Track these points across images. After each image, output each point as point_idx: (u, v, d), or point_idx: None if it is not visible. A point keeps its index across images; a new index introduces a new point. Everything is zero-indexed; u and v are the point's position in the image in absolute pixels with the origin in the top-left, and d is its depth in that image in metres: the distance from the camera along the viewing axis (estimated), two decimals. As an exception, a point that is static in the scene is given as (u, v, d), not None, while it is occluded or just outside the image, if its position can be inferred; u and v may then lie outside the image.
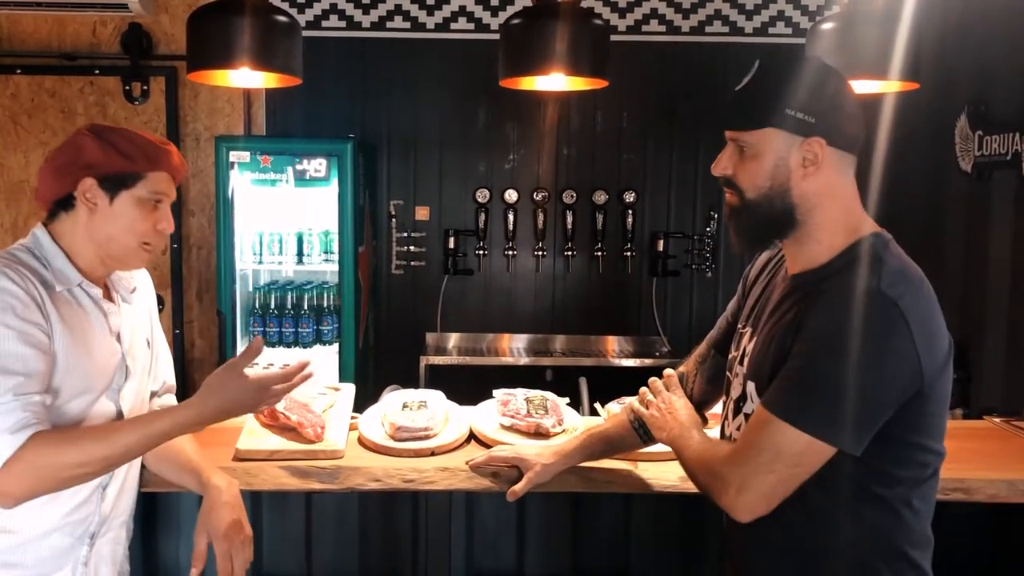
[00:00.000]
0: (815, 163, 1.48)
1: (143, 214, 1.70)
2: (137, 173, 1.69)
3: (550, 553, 2.34)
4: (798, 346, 1.44)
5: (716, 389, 1.87)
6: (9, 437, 1.48)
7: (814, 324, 1.43)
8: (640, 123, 4.79)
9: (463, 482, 2.07)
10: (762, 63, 1.52)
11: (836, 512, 1.48)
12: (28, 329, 1.55)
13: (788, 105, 1.46)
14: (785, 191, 1.49)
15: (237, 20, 2.22)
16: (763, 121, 1.48)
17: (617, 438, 1.97)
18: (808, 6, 4.73)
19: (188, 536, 2.23)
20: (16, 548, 1.63)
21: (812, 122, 1.46)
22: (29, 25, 4.60)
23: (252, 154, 4.19)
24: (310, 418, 2.18)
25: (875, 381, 1.39)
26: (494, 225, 4.78)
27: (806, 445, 1.40)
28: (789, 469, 1.43)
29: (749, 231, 1.56)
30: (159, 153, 1.71)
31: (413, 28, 4.71)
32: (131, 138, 1.71)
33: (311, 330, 4.34)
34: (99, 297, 1.73)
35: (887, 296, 1.39)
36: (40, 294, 1.61)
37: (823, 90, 1.49)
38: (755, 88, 1.51)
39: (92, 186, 1.68)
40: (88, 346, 1.66)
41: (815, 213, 1.51)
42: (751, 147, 1.50)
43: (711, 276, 4.85)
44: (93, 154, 1.67)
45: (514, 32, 2.33)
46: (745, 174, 1.52)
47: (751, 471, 1.44)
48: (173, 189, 1.75)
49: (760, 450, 1.43)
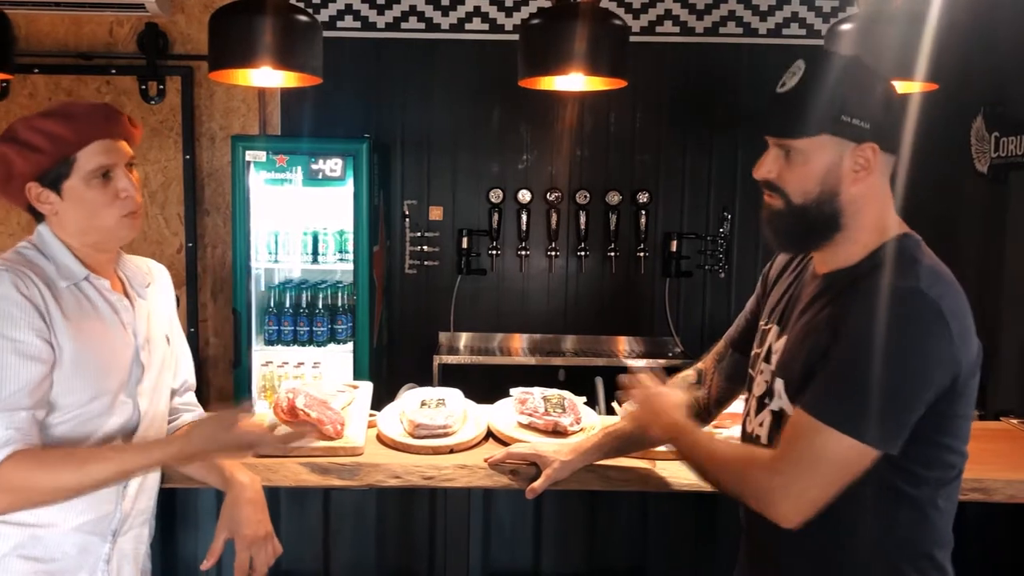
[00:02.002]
0: (867, 168, 1.46)
1: (96, 193, 1.64)
2: (65, 159, 1.62)
3: (566, 551, 2.35)
4: (839, 347, 1.41)
5: (734, 387, 1.87)
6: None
7: (855, 325, 1.41)
8: (654, 124, 4.79)
9: (482, 479, 2.08)
10: (808, 65, 1.47)
11: (863, 511, 1.47)
12: (25, 338, 1.54)
13: (842, 110, 1.43)
14: (834, 196, 1.47)
15: (258, 19, 2.23)
16: (817, 128, 1.45)
17: (635, 436, 1.97)
18: (822, 7, 4.72)
19: (206, 532, 2.25)
20: (40, 543, 1.63)
21: (866, 128, 1.44)
22: (46, 25, 4.63)
23: (268, 153, 4.20)
24: (330, 415, 2.19)
25: (917, 380, 1.38)
26: (507, 225, 4.79)
27: (854, 451, 1.39)
28: (835, 474, 1.41)
29: (792, 235, 1.54)
30: (76, 128, 1.62)
31: (428, 29, 4.73)
32: (42, 128, 1.61)
33: (325, 329, 4.35)
34: (107, 289, 1.70)
35: (928, 296, 1.38)
36: (43, 296, 1.58)
37: (874, 94, 1.46)
38: (803, 92, 1.46)
39: (38, 190, 1.63)
40: (99, 341, 1.65)
41: (858, 216, 1.49)
42: (801, 153, 1.47)
43: (724, 277, 4.85)
44: (17, 162, 1.61)
45: (533, 32, 2.34)
46: (793, 179, 1.49)
47: (796, 478, 1.42)
48: (118, 151, 1.67)
49: (805, 458, 1.41)
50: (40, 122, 1.63)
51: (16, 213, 4.65)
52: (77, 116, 1.64)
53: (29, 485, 1.51)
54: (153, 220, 4.72)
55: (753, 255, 4.85)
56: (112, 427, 1.67)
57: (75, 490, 1.56)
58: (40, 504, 1.58)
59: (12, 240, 4.61)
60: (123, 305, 1.73)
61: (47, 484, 1.52)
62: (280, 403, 2.28)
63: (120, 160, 1.68)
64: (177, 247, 4.75)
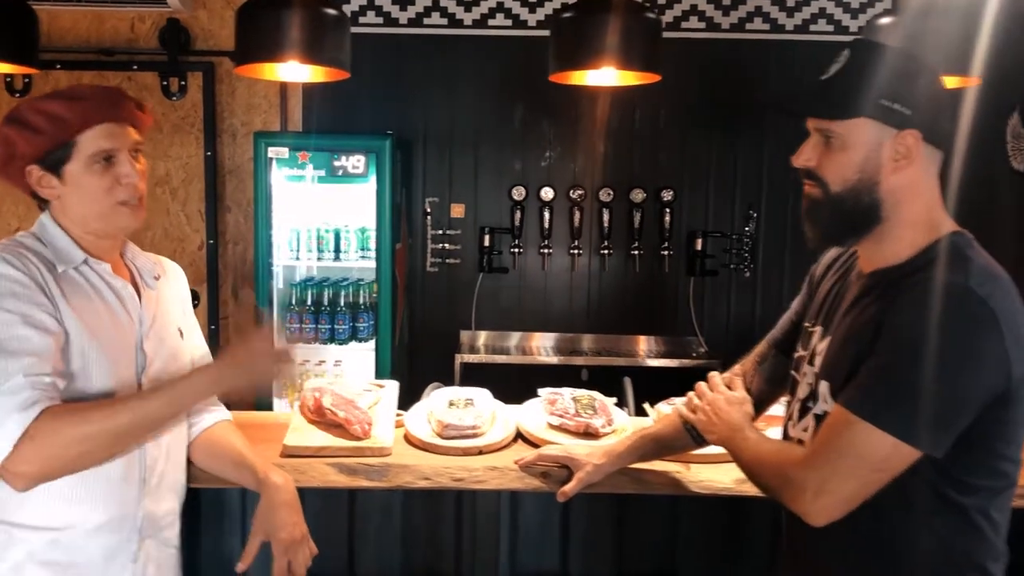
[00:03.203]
0: (907, 157, 1.43)
1: (97, 178, 1.61)
2: (66, 142, 1.59)
3: (594, 555, 2.31)
4: (881, 344, 1.38)
5: (776, 389, 1.83)
6: (18, 415, 1.44)
7: (898, 321, 1.37)
8: (679, 120, 4.73)
9: (513, 482, 2.05)
10: (852, 51, 1.45)
11: (911, 520, 1.43)
12: (32, 312, 1.51)
13: (883, 95, 1.40)
14: (873, 185, 1.44)
15: (286, 13, 2.20)
16: (856, 110, 1.42)
17: (669, 439, 1.94)
18: (850, 3, 4.65)
19: (228, 533, 2.23)
20: (59, 547, 1.60)
21: (908, 114, 1.41)
22: (68, 21, 4.62)
23: (290, 150, 4.18)
24: (357, 415, 2.16)
25: (963, 382, 1.34)
26: (529, 223, 4.74)
27: (891, 448, 1.35)
28: (872, 473, 1.37)
29: (830, 226, 1.51)
30: (78, 111, 1.59)
31: (450, 24, 4.69)
32: (44, 109, 1.59)
33: (347, 327, 4.32)
34: (108, 273, 1.67)
35: (977, 294, 1.34)
36: (43, 276, 1.56)
37: (919, 81, 1.43)
38: (846, 76, 1.44)
39: (38, 173, 1.61)
40: (97, 324, 1.61)
41: (899, 209, 1.45)
42: (840, 138, 1.44)
43: (749, 276, 4.78)
44: (18, 143, 1.59)
45: (565, 25, 2.30)
46: (831, 166, 1.46)
47: (829, 475, 1.39)
48: (123, 136, 1.63)
49: (841, 453, 1.38)
50: (43, 103, 1.60)
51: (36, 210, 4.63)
52: (81, 98, 1.61)
53: (62, 436, 1.47)
54: (174, 217, 4.71)
55: (779, 254, 4.79)
56: None
57: (107, 434, 1.51)
58: (76, 462, 1.52)
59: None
60: (127, 292, 1.69)
61: (79, 431, 1.48)
62: (306, 402, 2.25)
63: (124, 145, 1.64)
64: (198, 244, 4.73)
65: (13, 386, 1.46)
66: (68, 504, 1.59)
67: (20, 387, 1.46)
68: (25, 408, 1.45)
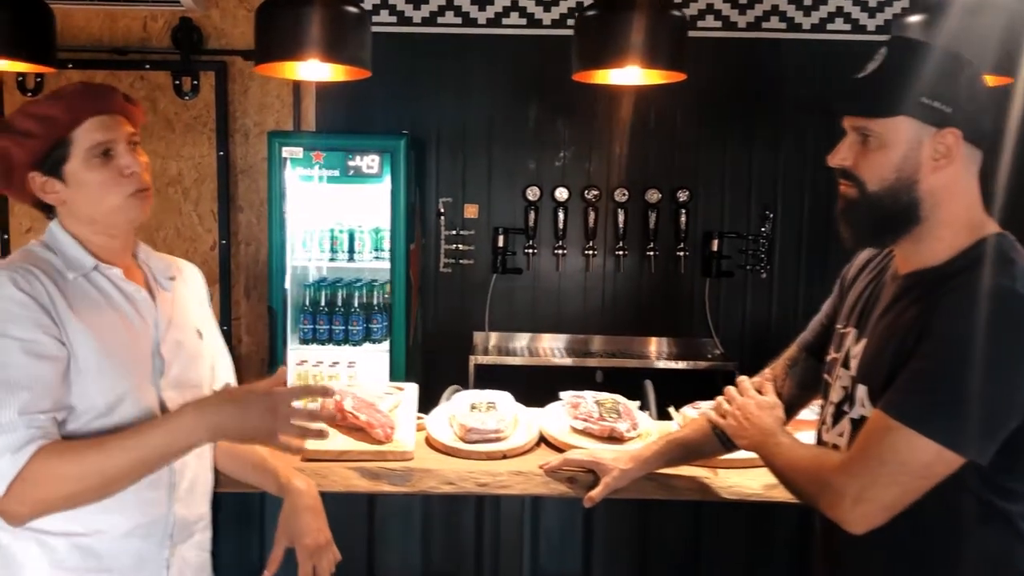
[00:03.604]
0: (947, 156, 1.40)
1: (98, 173, 1.57)
2: (60, 141, 1.55)
3: (617, 560, 2.28)
4: (923, 347, 1.35)
5: (807, 393, 1.80)
6: (11, 456, 1.41)
7: (942, 324, 1.34)
8: (694, 120, 4.69)
9: (538, 487, 2.02)
10: (890, 49, 1.43)
11: (953, 527, 1.41)
12: (34, 336, 1.47)
13: (923, 92, 1.38)
14: (912, 184, 1.41)
15: (306, 11, 2.17)
16: (895, 108, 1.39)
17: (698, 444, 1.91)
18: (868, 1, 4.62)
19: (248, 536, 2.21)
20: (93, 554, 1.57)
21: (948, 112, 1.38)
22: (81, 19, 4.60)
23: (305, 150, 4.15)
24: (378, 418, 2.14)
25: (1010, 386, 1.31)
26: (544, 223, 4.71)
27: (934, 455, 1.32)
28: (914, 480, 1.35)
29: (867, 227, 1.48)
30: (65, 107, 1.56)
31: (464, 23, 4.66)
32: (32, 111, 1.56)
33: (361, 328, 4.30)
34: (120, 277, 1.63)
35: (1023, 297, 1.31)
36: (50, 293, 1.52)
37: (959, 79, 1.41)
38: (884, 74, 1.42)
39: (40, 179, 1.57)
40: (113, 332, 1.58)
41: (939, 209, 1.43)
42: (878, 136, 1.42)
43: (765, 277, 4.75)
44: (14, 152, 1.56)
45: (589, 24, 2.26)
46: (869, 165, 1.43)
47: (870, 482, 1.36)
48: (117, 129, 1.59)
49: (882, 460, 1.35)
50: (31, 107, 1.58)
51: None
52: (66, 95, 1.58)
53: (54, 479, 1.43)
54: (187, 217, 4.69)
55: (795, 255, 4.75)
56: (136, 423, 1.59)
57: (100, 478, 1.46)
58: (71, 500, 1.49)
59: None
60: (140, 295, 1.65)
61: (71, 473, 1.44)
62: (327, 405, 2.22)
63: (119, 136, 1.60)
64: (211, 244, 4.71)
65: (7, 424, 1.42)
66: (95, 510, 1.55)
67: (14, 425, 1.42)
68: (19, 449, 1.42)
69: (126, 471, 1.48)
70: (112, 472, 1.47)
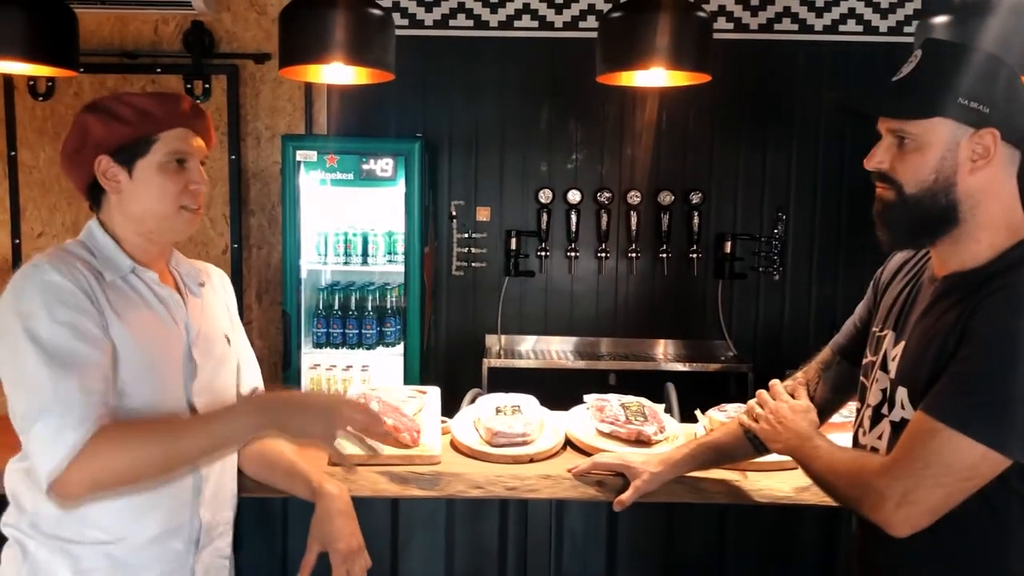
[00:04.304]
0: (985, 156, 1.39)
1: (168, 178, 1.61)
2: (147, 137, 1.60)
3: (641, 564, 2.27)
4: (966, 349, 1.35)
5: (841, 397, 1.80)
6: (72, 433, 1.42)
7: (985, 326, 1.34)
8: (707, 122, 4.69)
9: (567, 490, 2.02)
10: (925, 51, 1.43)
11: (997, 530, 1.39)
12: (82, 322, 1.49)
13: (960, 93, 1.37)
14: (950, 186, 1.41)
15: (332, 14, 2.16)
16: (932, 110, 1.39)
17: (729, 448, 1.91)
18: (880, 3, 4.61)
19: (270, 541, 2.20)
20: (118, 560, 1.57)
21: (986, 112, 1.38)
22: (92, 23, 4.59)
23: (318, 153, 4.15)
24: (405, 422, 2.13)
25: None
26: (556, 226, 4.70)
27: (979, 457, 1.31)
28: (959, 483, 1.34)
29: (905, 229, 1.47)
30: (164, 110, 1.61)
31: (476, 26, 4.65)
32: (131, 102, 1.60)
33: (374, 331, 4.29)
34: (155, 281, 1.65)
35: None
36: (91, 284, 1.54)
37: (996, 80, 1.40)
38: (920, 76, 1.42)
39: (108, 164, 1.60)
40: (149, 333, 1.59)
41: (977, 211, 1.42)
42: (915, 138, 1.41)
43: (778, 279, 4.74)
44: (97, 131, 1.59)
45: (614, 25, 2.26)
46: (906, 167, 1.43)
47: (915, 485, 1.35)
48: (195, 144, 1.65)
49: (926, 462, 1.34)
50: (130, 97, 1.62)
51: (60, 214, 4.62)
52: (168, 99, 1.63)
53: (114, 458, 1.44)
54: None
55: (808, 257, 4.74)
56: None
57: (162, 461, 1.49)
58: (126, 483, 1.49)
59: (56, 241, 4.60)
60: (174, 300, 1.67)
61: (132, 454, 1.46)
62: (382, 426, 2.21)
63: (197, 154, 1.66)
64: (222, 248, 4.70)
65: (69, 402, 1.43)
66: (121, 516, 1.56)
67: (74, 404, 1.43)
68: (79, 426, 1.42)
69: (188, 455, 1.52)
70: (174, 454, 1.49)
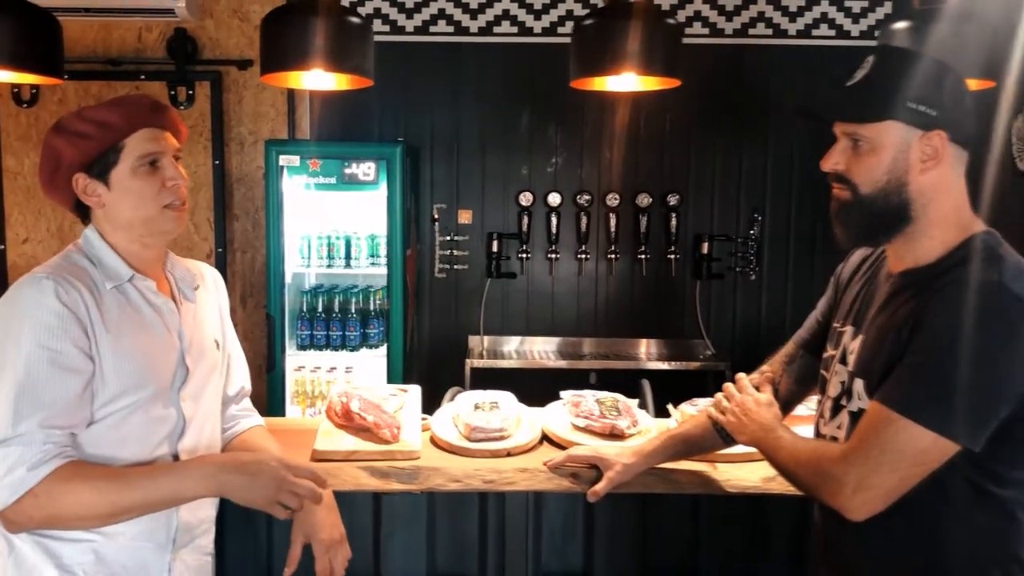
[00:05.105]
0: (935, 157, 1.46)
1: (144, 181, 1.63)
2: (114, 146, 1.62)
3: (618, 554, 2.33)
4: (918, 341, 1.42)
5: (804, 390, 1.86)
6: (26, 472, 1.46)
7: (935, 319, 1.41)
8: (684, 125, 4.77)
9: (543, 483, 2.07)
10: (877, 57, 1.50)
11: (949, 513, 1.46)
12: (64, 348, 1.52)
13: (910, 97, 1.45)
14: (902, 186, 1.48)
15: (312, 22, 2.22)
16: (883, 114, 1.46)
17: (698, 439, 1.96)
18: (852, 8, 4.71)
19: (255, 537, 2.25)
20: (100, 558, 1.61)
21: (934, 115, 1.45)
22: (76, 31, 4.63)
23: (301, 158, 4.20)
24: (385, 419, 2.18)
25: (1000, 376, 1.38)
26: (537, 228, 4.78)
27: (930, 443, 1.38)
28: (911, 468, 1.41)
29: (860, 227, 1.54)
30: (124, 115, 1.63)
31: (456, 32, 4.72)
32: (90, 116, 1.62)
33: (358, 333, 4.34)
34: (152, 291, 1.69)
35: (1011, 291, 1.38)
36: (86, 304, 1.57)
37: (943, 84, 1.47)
38: (872, 81, 1.48)
39: (85, 181, 1.63)
40: (141, 343, 1.63)
41: (929, 209, 1.49)
42: (868, 141, 1.48)
43: (755, 279, 4.82)
44: (66, 152, 1.62)
45: (587, 32, 2.33)
46: (861, 168, 1.50)
47: (870, 471, 1.42)
48: (165, 141, 1.66)
49: (881, 449, 1.41)
50: (89, 112, 1.64)
51: (45, 219, 4.65)
52: (125, 104, 1.65)
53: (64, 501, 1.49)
54: (183, 225, 4.71)
55: (784, 257, 4.83)
56: (157, 432, 1.65)
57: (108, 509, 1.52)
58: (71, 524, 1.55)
59: (41, 247, 4.64)
60: (168, 308, 1.71)
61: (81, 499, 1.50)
62: (334, 406, 2.27)
63: (167, 150, 1.67)
64: (207, 252, 4.75)
65: (28, 438, 1.48)
66: None
67: (33, 439, 1.48)
68: (36, 466, 1.47)
69: (133, 507, 1.55)
70: (122, 505, 1.53)
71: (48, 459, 1.48)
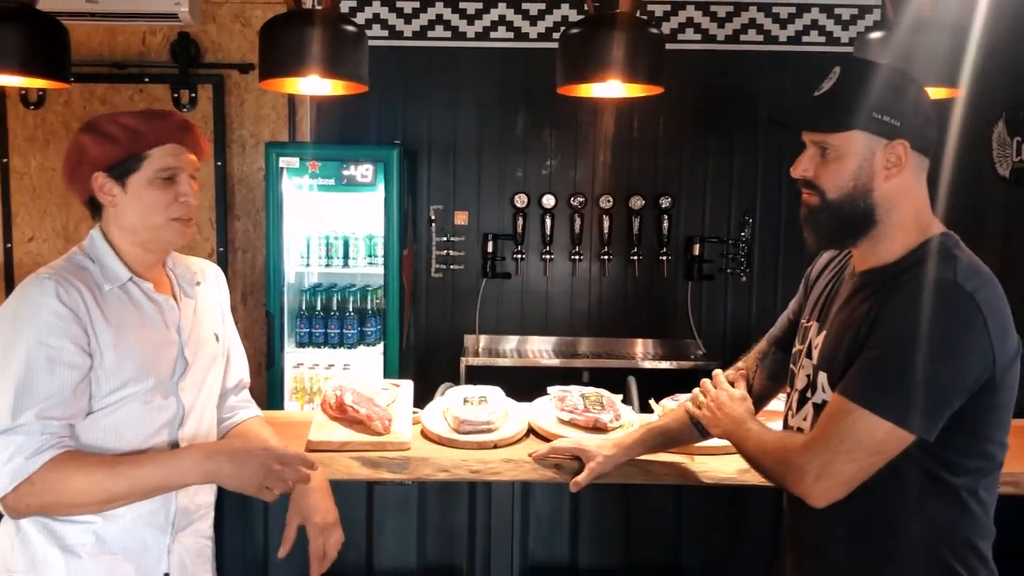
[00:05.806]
0: (898, 165, 1.53)
1: (158, 192, 1.70)
2: (138, 155, 1.69)
3: (603, 545, 2.40)
4: (876, 337, 1.48)
5: (777, 385, 1.93)
6: (24, 460, 1.54)
7: (892, 316, 1.48)
8: (676, 129, 4.85)
9: (527, 473, 2.14)
10: (843, 69, 1.57)
11: (906, 501, 1.53)
12: (62, 345, 1.59)
13: (874, 108, 1.51)
14: (867, 192, 1.55)
15: (309, 30, 2.31)
16: (849, 124, 1.53)
17: (676, 432, 2.03)
18: (841, 15, 4.79)
19: (252, 522, 2.32)
20: (101, 539, 1.68)
21: (896, 125, 1.52)
22: (81, 35, 4.71)
23: (301, 160, 4.28)
24: (377, 412, 2.26)
25: (952, 370, 1.44)
26: (531, 230, 4.86)
27: (887, 433, 1.45)
28: (869, 457, 1.47)
29: (828, 231, 1.61)
30: (153, 128, 1.70)
31: (454, 37, 4.81)
32: (122, 121, 1.70)
33: (355, 331, 4.43)
34: (151, 290, 1.75)
35: (964, 289, 1.45)
36: (86, 303, 1.64)
37: (905, 94, 1.54)
38: (839, 92, 1.55)
39: (103, 180, 1.71)
40: (140, 341, 1.70)
41: (892, 213, 1.56)
42: (835, 149, 1.55)
43: (745, 280, 4.90)
44: (92, 149, 1.69)
45: (573, 41, 2.41)
46: (828, 175, 1.56)
47: (831, 459, 1.48)
48: (186, 159, 1.74)
49: (840, 439, 1.48)
50: (121, 117, 1.72)
51: (51, 219, 4.75)
52: (157, 117, 1.73)
53: (60, 488, 1.56)
54: (185, 225, 4.79)
55: (774, 258, 4.91)
56: (156, 420, 1.72)
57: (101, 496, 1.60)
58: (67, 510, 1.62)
59: (47, 246, 4.73)
60: (168, 305, 1.78)
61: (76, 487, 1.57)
62: (328, 400, 2.34)
63: (187, 168, 1.75)
64: (208, 252, 4.83)
65: (25, 427, 1.55)
66: None
67: (31, 430, 1.55)
68: (33, 455, 1.54)
69: (126, 494, 1.62)
70: (115, 492, 1.61)
71: (45, 448, 1.55)
